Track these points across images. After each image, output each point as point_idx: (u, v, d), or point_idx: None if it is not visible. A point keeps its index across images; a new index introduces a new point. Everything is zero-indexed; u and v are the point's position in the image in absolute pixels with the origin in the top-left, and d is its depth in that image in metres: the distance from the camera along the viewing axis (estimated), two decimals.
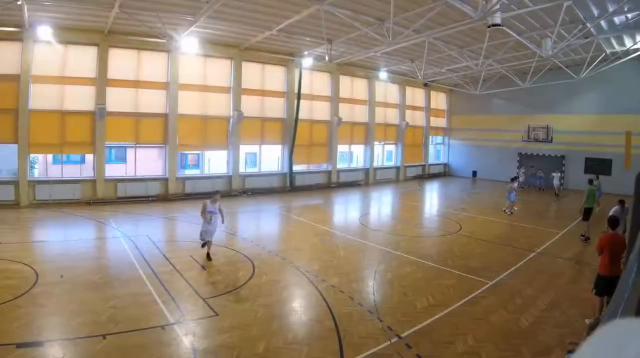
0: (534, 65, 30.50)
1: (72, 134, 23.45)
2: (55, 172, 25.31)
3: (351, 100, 35.31)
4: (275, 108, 30.67)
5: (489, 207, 24.83)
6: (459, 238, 17.79)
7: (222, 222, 14.34)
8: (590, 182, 19.13)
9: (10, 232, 16.62)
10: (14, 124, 21.85)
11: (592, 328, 8.64)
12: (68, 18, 20.89)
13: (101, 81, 23.57)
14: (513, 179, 24.90)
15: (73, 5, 19.12)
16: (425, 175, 42.01)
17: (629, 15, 20.57)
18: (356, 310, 10.12)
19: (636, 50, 26.21)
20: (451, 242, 16.84)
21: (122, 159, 26.68)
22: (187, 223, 19.47)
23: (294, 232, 19.15)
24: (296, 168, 31.67)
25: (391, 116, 39.02)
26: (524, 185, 30.45)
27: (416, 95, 41.62)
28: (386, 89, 38.12)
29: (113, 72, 24.06)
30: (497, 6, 15.99)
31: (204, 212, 13.76)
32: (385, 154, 39.75)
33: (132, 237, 16.32)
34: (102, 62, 23.51)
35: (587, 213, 17.81)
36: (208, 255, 13.74)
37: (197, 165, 31.15)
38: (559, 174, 30.70)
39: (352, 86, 35.45)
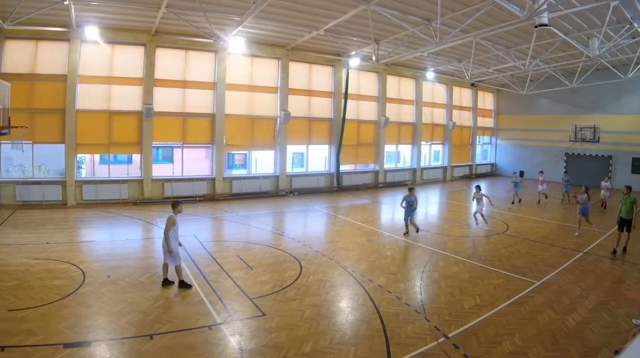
0: (581, 65, 30.14)
1: (119, 134, 23.67)
2: (102, 172, 25.80)
3: (398, 100, 35.17)
4: (323, 108, 30.69)
5: (536, 207, 24.48)
6: (506, 238, 17.64)
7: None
8: (629, 189, 15.77)
9: (58, 232, 16.81)
10: (61, 124, 22.13)
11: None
12: (115, 18, 21.10)
13: (148, 81, 23.77)
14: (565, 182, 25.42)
15: (120, 5, 19.29)
16: (472, 175, 41.76)
17: None
18: (403, 310, 10.09)
19: None
20: (498, 242, 16.68)
21: (169, 159, 27.03)
22: (235, 223, 19.67)
23: (340, 232, 18.98)
24: (343, 168, 31.66)
25: (438, 116, 38.78)
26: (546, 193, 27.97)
27: (463, 95, 41.38)
28: (433, 88, 37.92)
29: (160, 72, 24.27)
30: (544, 6, 15.85)
31: (170, 229, 11.16)
32: (432, 153, 39.55)
33: (179, 237, 16.64)
34: (149, 62, 23.72)
35: (622, 224, 15.56)
36: (183, 282, 11.28)
37: (244, 165, 31.42)
38: (608, 183, 25.90)
39: (399, 86, 35.29)
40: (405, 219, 17.95)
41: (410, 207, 17.72)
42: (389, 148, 35.35)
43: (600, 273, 13.43)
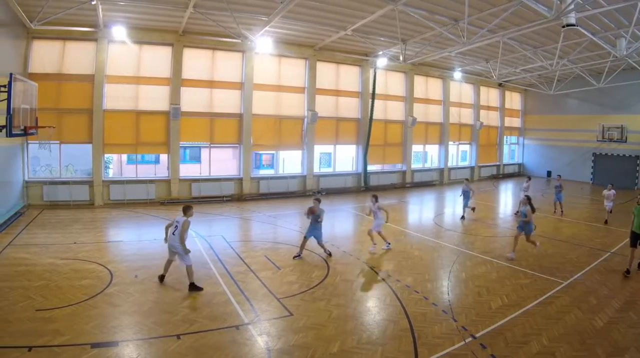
0: (609, 65, 29.88)
1: (147, 134, 23.77)
2: (129, 172, 25.92)
3: (425, 100, 35.08)
4: (350, 108, 30.67)
5: (563, 207, 23.98)
6: (534, 238, 17.44)
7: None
8: None
9: (85, 232, 16.88)
10: (88, 124, 22.23)
11: None
12: (142, 18, 21.21)
13: (175, 81, 23.87)
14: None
15: (147, 5, 19.38)
16: (500, 175, 41.60)
17: None
18: (430, 310, 10.07)
19: None
20: (525, 242, 16.16)
21: (197, 159, 27.04)
22: (262, 223, 19.70)
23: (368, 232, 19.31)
24: (370, 168, 31.64)
25: (466, 116, 38.72)
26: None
27: (491, 95, 41.23)
28: (461, 88, 37.88)
29: (187, 72, 24.36)
30: (572, 6, 15.74)
31: (186, 231, 11.36)
32: (460, 153, 39.56)
33: (206, 237, 16.49)
34: (177, 62, 23.81)
35: (634, 238, 13.43)
36: (194, 285, 11.11)
37: (271, 165, 31.27)
38: (612, 192, 21.19)
39: (427, 86, 35.21)
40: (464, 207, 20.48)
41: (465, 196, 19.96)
42: (416, 148, 35.26)
43: None
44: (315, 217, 14.12)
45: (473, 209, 21.11)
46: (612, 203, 21.00)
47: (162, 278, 11.56)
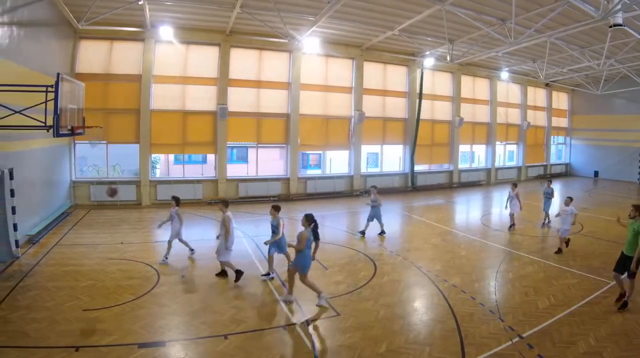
0: None
1: (194, 134, 23.93)
2: (176, 172, 26.19)
3: (472, 100, 34.88)
4: (397, 108, 30.56)
5: (611, 207, 23.84)
6: (581, 238, 17.32)
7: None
8: (638, 209, 10.49)
9: (132, 232, 17.08)
10: (135, 124, 22.45)
11: None
12: (189, 18, 21.33)
13: (223, 81, 23.93)
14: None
15: (194, 5, 19.52)
16: (547, 175, 40.79)
17: None
18: (478, 310, 10.04)
19: None
20: (573, 241, 16.11)
21: (244, 159, 27.10)
22: None
23: (415, 231, 19.01)
24: (417, 168, 31.54)
25: (513, 116, 38.38)
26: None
27: (538, 95, 40.83)
28: (508, 88, 37.52)
29: (234, 72, 24.39)
30: (619, 6, 15.64)
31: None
32: (507, 153, 39.22)
33: (253, 237, 16.58)
34: (224, 62, 23.88)
35: (621, 261, 10.48)
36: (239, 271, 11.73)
37: (318, 165, 31.28)
38: (570, 209, 15.17)
39: (474, 86, 34.99)
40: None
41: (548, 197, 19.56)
42: (463, 148, 35.10)
43: None
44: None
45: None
46: None
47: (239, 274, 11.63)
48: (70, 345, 7.94)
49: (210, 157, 26.54)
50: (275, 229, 12.14)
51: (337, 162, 29.93)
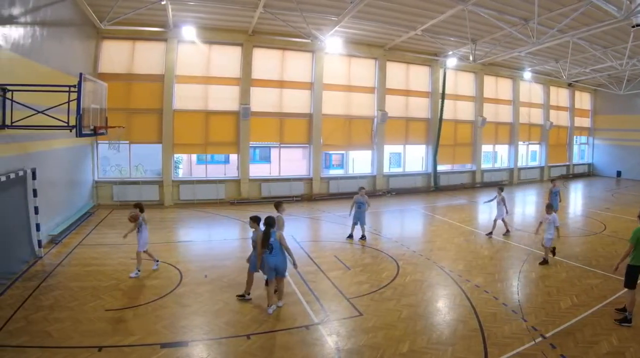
0: None
1: (216, 134, 23.95)
2: (199, 172, 26.29)
3: (495, 100, 34.76)
4: (419, 108, 30.51)
5: (634, 207, 23.31)
6: (604, 238, 17.27)
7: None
8: None
9: (155, 232, 16.80)
10: (158, 124, 22.49)
11: None
12: (212, 18, 21.34)
13: (245, 81, 23.95)
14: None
15: (217, 5, 19.49)
16: (570, 175, 41.05)
17: None
18: (500, 310, 9.99)
19: None
20: (595, 241, 16.26)
21: (266, 159, 27.38)
22: (332, 223, 19.67)
23: (437, 231, 18.88)
24: (440, 168, 31.47)
25: (535, 116, 38.23)
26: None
27: (560, 95, 40.66)
28: (530, 88, 37.40)
29: (257, 72, 24.39)
30: None
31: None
32: (530, 153, 39.10)
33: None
34: (247, 62, 23.89)
35: (631, 273, 9.42)
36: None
37: (341, 165, 31.31)
38: (553, 217, 14.06)
39: (496, 86, 34.87)
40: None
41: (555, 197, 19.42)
42: (486, 148, 34.99)
43: None
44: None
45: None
46: None
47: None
48: (93, 345, 7.97)
49: (233, 157, 26.49)
50: (255, 245, 10.46)
51: (359, 162, 29.91)
